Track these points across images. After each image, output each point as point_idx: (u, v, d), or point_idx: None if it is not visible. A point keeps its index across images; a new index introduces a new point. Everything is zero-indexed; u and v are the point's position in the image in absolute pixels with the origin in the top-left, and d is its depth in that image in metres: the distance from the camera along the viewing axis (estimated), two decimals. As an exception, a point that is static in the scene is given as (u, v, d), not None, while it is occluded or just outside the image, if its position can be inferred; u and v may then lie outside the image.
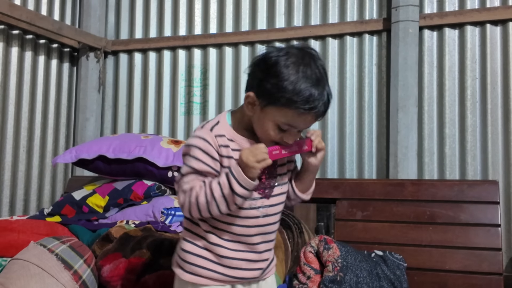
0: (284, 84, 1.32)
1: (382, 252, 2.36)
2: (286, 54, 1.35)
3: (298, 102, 1.32)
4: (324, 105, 1.36)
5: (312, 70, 1.35)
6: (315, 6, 3.38)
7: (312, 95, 1.32)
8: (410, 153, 2.99)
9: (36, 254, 1.99)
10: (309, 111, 1.34)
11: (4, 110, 3.18)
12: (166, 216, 2.46)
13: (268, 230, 1.52)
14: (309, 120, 1.38)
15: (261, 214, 1.48)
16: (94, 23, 3.70)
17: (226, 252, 1.47)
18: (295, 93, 1.32)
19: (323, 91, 1.35)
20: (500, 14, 2.96)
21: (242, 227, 1.47)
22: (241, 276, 1.50)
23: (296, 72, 1.33)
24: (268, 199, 1.49)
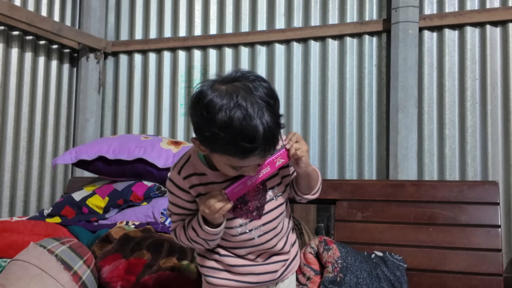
0: (218, 133, 1.21)
1: (382, 253, 2.35)
2: (216, 91, 1.23)
3: (235, 151, 1.23)
4: (264, 143, 1.23)
5: (246, 108, 1.20)
6: (315, 7, 3.38)
7: (249, 141, 1.20)
8: (410, 154, 2.99)
9: (36, 255, 1.99)
10: (250, 155, 1.24)
11: (4, 111, 3.18)
12: (166, 217, 2.46)
13: (270, 245, 1.50)
14: (256, 160, 1.28)
15: (255, 236, 1.46)
16: (94, 24, 3.70)
17: (234, 261, 1.50)
18: (230, 142, 1.21)
19: (260, 131, 1.20)
20: (500, 15, 2.96)
21: (241, 249, 1.49)
22: (257, 281, 1.52)
23: (228, 116, 1.19)
24: (259, 218, 1.46)
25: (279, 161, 1.37)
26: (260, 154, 1.25)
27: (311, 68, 3.35)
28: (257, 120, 1.20)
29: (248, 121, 1.19)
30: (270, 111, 1.23)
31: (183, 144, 2.84)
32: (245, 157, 1.24)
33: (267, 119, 1.21)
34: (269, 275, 1.53)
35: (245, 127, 1.19)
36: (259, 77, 1.28)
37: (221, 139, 1.21)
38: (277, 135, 1.27)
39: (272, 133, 1.24)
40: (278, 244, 1.52)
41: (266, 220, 1.47)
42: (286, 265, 1.57)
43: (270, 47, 3.46)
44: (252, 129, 1.20)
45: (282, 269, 1.56)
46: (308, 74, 3.35)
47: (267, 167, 1.36)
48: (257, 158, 1.27)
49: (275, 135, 1.26)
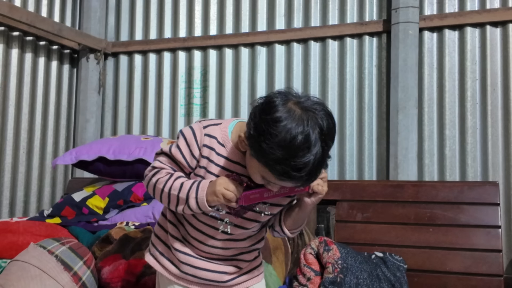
0: (274, 149, 1.22)
1: (382, 253, 2.35)
2: (289, 112, 1.24)
3: (277, 171, 1.24)
4: (307, 176, 1.25)
5: (310, 141, 1.22)
6: (315, 8, 3.38)
7: (297, 170, 1.22)
8: (410, 154, 2.99)
9: (36, 256, 1.99)
10: (288, 180, 1.26)
11: (4, 112, 3.18)
12: (166, 217, 2.46)
13: (225, 246, 1.44)
14: (289, 184, 1.30)
15: (221, 228, 1.41)
16: (94, 24, 3.70)
17: (179, 246, 1.45)
18: (279, 162, 1.22)
19: (309, 166, 1.23)
20: (500, 16, 2.96)
21: (197, 231, 1.42)
22: (196, 275, 1.45)
23: (291, 141, 1.21)
24: (236, 217, 1.40)
25: (299, 188, 1.37)
26: (297, 182, 1.28)
27: (311, 69, 3.35)
28: (312, 155, 1.22)
29: (305, 153, 1.21)
30: (325, 150, 1.26)
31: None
32: (283, 180, 1.26)
33: (319, 156, 1.24)
34: (214, 274, 1.46)
35: (301, 157, 1.21)
36: (331, 114, 1.31)
37: (273, 155, 1.22)
38: (318, 172, 1.29)
39: (317, 170, 1.27)
40: (231, 251, 1.47)
41: (239, 224, 1.42)
42: (239, 273, 1.50)
43: (270, 48, 3.46)
44: (305, 162, 1.22)
45: (233, 275, 1.49)
46: (308, 74, 3.35)
47: (286, 189, 1.36)
48: (291, 184, 1.29)
49: (317, 172, 1.28)
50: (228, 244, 1.45)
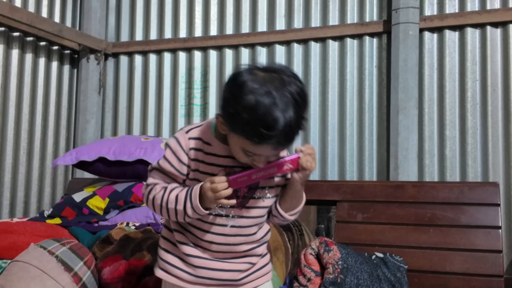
0: (240, 113, 1.24)
1: (382, 254, 2.35)
2: (253, 75, 1.27)
3: (251, 134, 1.25)
4: (281, 135, 1.24)
5: (275, 97, 1.23)
6: (316, 8, 3.38)
7: (267, 128, 1.23)
8: (411, 155, 2.99)
9: (36, 256, 1.99)
10: (264, 143, 1.26)
11: (5, 112, 3.18)
12: (166, 218, 2.46)
13: (236, 242, 1.45)
14: (269, 150, 1.29)
15: (229, 224, 1.42)
16: (94, 25, 3.70)
17: (190, 250, 1.44)
18: (250, 124, 1.24)
19: (280, 122, 1.23)
20: (500, 16, 2.96)
21: (207, 233, 1.43)
22: (211, 277, 1.44)
23: (255, 100, 1.23)
24: (240, 209, 1.42)
25: (287, 166, 1.36)
26: (274, 145, 1.27)
27: (311, 69, 3.35)
28: (280, 112, 1.23)
29: (272, 110, 1.23)
30: (295, 108, 1.26)
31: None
32: (259, 144, 1.26)
33: (291, 114, 1.24)
34: (229, 273, 1.46)
35: (268, 114, 1.23)
36: (296, 76, 1.32)
37: (243, 119, 1.24)
38: (295, 133, 1.28)
39: (291, 129, 1.26)
40: (243, 246, 1.47)
41: (244, 214, 1.43)
42: (252, 270, 1.50)
43: (271, 48, 3.46)
44: (274, 118, 1.23)
45: (246, 272, 1.49)
46: (308, 75, 3.35)
47: (275, 168, 1.35)
48: (270, 149, 1.28)
49: (293, 132, 1.28)
50: (239, 239, 1.45)
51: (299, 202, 1.49)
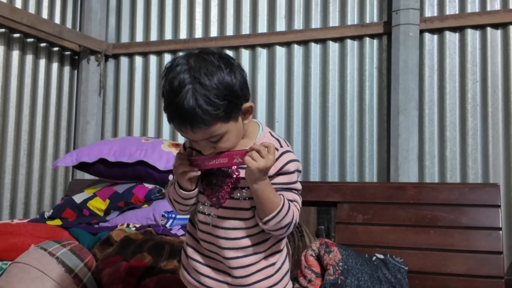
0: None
1: (383, 255, 2.35)
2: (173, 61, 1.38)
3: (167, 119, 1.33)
4: (178, 117, 1.27)
5: (165, 85, 1.31)
6: (316, 10, 3.38)
7: (165, 108, 1.31)
8: (411, 156, 2.99)
9: (37, 258, 1.99)
10: (172, 122, 1.31)
11: (5, 114, 3.18)
12: (166, 219, 2.46)
13: (219, 244, 1.41)
14: (185, 133, 1.31)
15: (210, 222, 1.43)
16: (95, 26, 3.70)
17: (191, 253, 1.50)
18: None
19: (169, 106, 1.28)
20: (500, 18, 2.96)
21: (201, 232, 1.47)
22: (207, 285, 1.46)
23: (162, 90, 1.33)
24: (216, 208, 1.41)
25: (237, 159, 1.33)
26: (177, 125, 1.30)
27: (311, 71, 3.35)
28: (170, 96, 1.28)
29: (165, 95, 1.30)
30: (194, 84, 1.26)
31: (184, 146, 2.84)
32: (175, 126, 1.31)
33: (189, 96, 1.25)
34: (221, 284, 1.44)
35: (168, 96, 1.30)
36: (208, 52, 1.36)
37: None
38: (185, 112, 1.25)
39: (178, 107, 1.26)
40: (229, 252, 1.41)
41: (222, 215, 1.41)
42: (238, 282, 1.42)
43: (271, 50, 3.46)
44: (167, 102, 1.30)
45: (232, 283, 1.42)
46: (308, 76, 3.35)
47: (225, 158, 1.35)
48: (178, 127, 1.30)
49: (194, 112, 1.25)
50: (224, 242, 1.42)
51: (264, 206, 1.33)
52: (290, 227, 1.39)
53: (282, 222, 1.35)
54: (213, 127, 1.28)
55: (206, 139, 1.31)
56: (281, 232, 1.39)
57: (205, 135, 1.30)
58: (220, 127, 1.30)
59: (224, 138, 1.33)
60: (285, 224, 1.36)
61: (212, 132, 1.29)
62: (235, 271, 1.41)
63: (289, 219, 1.37)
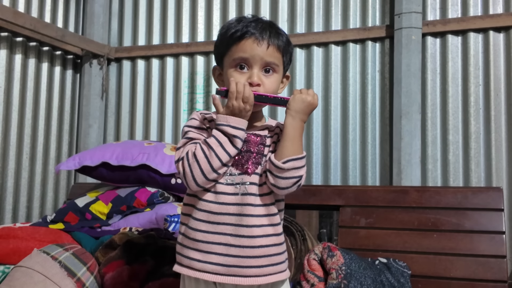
0: (221, 35, 1.51)
1: (386, 259, 2.35)
2: None
3: (229, 40, 1.47)
4: (255, 25, 1.47)
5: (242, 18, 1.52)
6: (318, 13, 3.39)
7: (233, 25, 1.48)
8: (414, 160, 2.99)
9: (39, 262, 1.99)
10: (243, 37, 1.45)
11: (8, 117, 3.19)
12: (169, 223, 2.46)
13: (248, 212, 1.41)
14: (254, 47, 1.45)
15: (240, 192, 1.43)
16: (97, 30, 3.71)
17: (201, 235, 1.42)
18: (225, 35, 1.49)
19: (246, 19, 1.49)
20: (503, 21, 2.96)
21: (219, 204, 1.42)
22: (222, 263, 1.40)
23: (227, 22, 1.53)
24: (249, 176, 1.44)
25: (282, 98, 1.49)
26: (251, 35, 1.45)
27: (314, 74, 3.35)
28: (250, 18, 1.53)
29: (238, 18, 1.52)
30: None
31: (186, 150, 2.83)
32: (239, 40, 1.45)
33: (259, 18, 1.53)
34: (240, 260, 1.40)
35: (235, 19, 1.52)
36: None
37: (222, 41, 1.50)
38: (268, 25, 1.51)
39: (261, 20, 1.51)
40: (256, 220, 1.42)
41: (254, 181, 1.44)
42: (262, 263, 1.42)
43: (273, 53, 3.46)
44: (240, 17, 1.52)
45: (257, 265, 1.42)
46: (311, 80, 3.35)
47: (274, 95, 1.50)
48: (251, 42, 1.45)
49: (265, 24, 1.51)
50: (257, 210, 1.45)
51: (293, 145, 1.43)
52: (299, 182, 1.44)
53: (298, 171, 1.42)
54: (279, 54, 1.50)
55: (265, 64, 1.47)
56: (290, 183, 1.43)
57: (271, 57, 1.47)
58: (280, 61, 1.51)
59: (273, 76, 1.50)
60: (298, 174, 1.43)
61: (276, 59, 1.48)
62: (256, 240, 1.42)
63: (302, 173, 1.44)
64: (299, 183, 1.44)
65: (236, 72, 1.47)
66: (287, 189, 1.44)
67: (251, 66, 1.46)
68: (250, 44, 1.45)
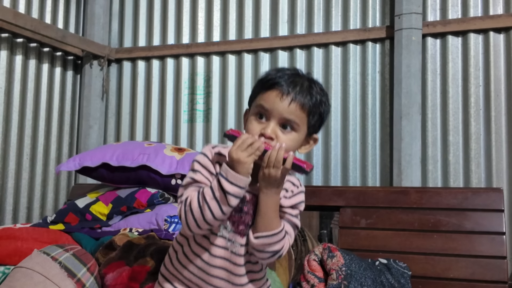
0: (258, 80, 1.44)
1: (386, 260, 2.35)
2: None
3: (258, 88, 1.41)
4: (285, 80, 1.38)
5: (282, 70, 1.43)
6: (318, 14, 3.39)
7: (270, 73, 1.41)
8: (414, 160, 2.99)
9: (40, 262, 1.99)
10: (271, 88, 1.38)
11: (8, 118, 3.19)
12: (169, 224, 2.46)
13: (235, 271, 1.41)
14: (277, 100, 1.36)
15: (230, 248, 1.40)
16: (97, 31, 3.71)
17: (187, 274, 1.45)
18: (263, 77, 1.42)
19: (284, 71, 1.41)
20: (503, 22, 2.96)
21: (210, 255, 1.41)
22: None
23: (267, 72, 1.45)
24: (241, 237, 1.39)
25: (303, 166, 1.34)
26: (278, 88, 1.37)
27: (314, 75, 3.32)
28: (289, 70, 1.43)
29: (275, 70, 1.43)
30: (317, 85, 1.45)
31: (187, 150, 2.84)
32: (265, 90, 1.38)
33: (310, 80, 1.44)
34: None
35: (271, 70, 1.44)
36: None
37: (258, 81, 1.44)
38: (300, 81, 1.40)
39: (293, 75, 1.40)
40: (243, 279, 1.43)
41: (243, 243, 1.40)
42: None
43: (273, 54, 3.46)
44: (276, 69, 1.43)
45: None
46: (311, 80, 3.35)
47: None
48: (275, 95, 1.36)
49: (297, 79, 1.40)
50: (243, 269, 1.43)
51: (264, 220, 1.36)
52: (275, 256, 1.39)
53: (271, 246, 1.36)
54: (303, 113, 1.39)
55: (284, 120, 1.37)
56: (264, 256, 1.38)
57: (292, 115, 1.37)
58: (303, 121, 1.40)
59: (292, 134, 1.39)
60: (273, 249, 1.36)
61: (297, 118, 1.38)
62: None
63: (278, 247, 1.37)
64: (277, 255, 1.39)
65: (255, 120, 1.39)
66: (266, 260, 1.41)
67: (269, 118, 1.38)
68: (274, 96, 1.37)
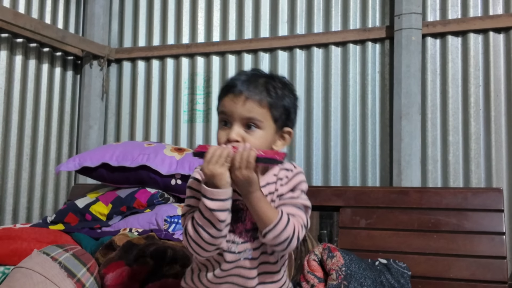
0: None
1: (386, 260, 2.35)
2: None
3: (220, 92, 1.43)
4: (241, 81, 1.37)
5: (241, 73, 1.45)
6: (318, 14, 3.39)
7: (227, 80, 1.43)
8: (414, 160, 2.99)
9: (39, 262, 1.99)
10: (227, 92, 1.38)
11: (8, 118, 3.19)
12: (169, 224, 2.46)
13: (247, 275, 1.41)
14: (233, 102, 1.36)
15: (242, 257, 1.39)
16: (97, 31, 3.71)
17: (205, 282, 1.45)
18: (220, 88, 1.44)
19: (241, 74, 1.42)
20: (503, 22, 2.96)
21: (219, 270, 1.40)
22: None
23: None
24: (253, 241, 1.39)
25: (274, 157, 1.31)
26: (232, 90, 1.37)
27: (314, 75, 3.35)
28: (253, 72, 1.44)
29: (238, 72, 1.47)
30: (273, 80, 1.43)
31: (186, 151, 2.84)
32: (223, 96, 1.39)
33: (262, 75, 1.43)
34: None
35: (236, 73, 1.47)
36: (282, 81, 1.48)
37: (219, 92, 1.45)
38: (253, 81, 1.38)
39: (246, 76, 1.40)
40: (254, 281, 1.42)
41: (257, 246, 1.40)
42: None
43: (273, 54, 3.46)
44: (236, 74, 1.45)
45: None
46: (311, 81, 3.35)
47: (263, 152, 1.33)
48: (231, 98, 1.36)
49: (250, 79, 1.39)
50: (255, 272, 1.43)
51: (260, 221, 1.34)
52: (292, 241, 1.35)
53: (281, 235, 1.32)
54: (263, 109, 1.37)
55: (246, 120, 1.36)
56: (282, 247, 1.35)
57: (251, 112, 1.35)
58: (266, 116, 1.37)
59: (258, 132, 1.37)
60: (284, 237, 1.33)
61: (258, 114, 1.36)
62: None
63: (289, 233, 1.33)
64: (293, 240, 1.35)
65: (221, 128, 1.39)
66: (286, 250, 1.38)
67: (232, 123, 1.36)
68: (229, 100, 1.36)
